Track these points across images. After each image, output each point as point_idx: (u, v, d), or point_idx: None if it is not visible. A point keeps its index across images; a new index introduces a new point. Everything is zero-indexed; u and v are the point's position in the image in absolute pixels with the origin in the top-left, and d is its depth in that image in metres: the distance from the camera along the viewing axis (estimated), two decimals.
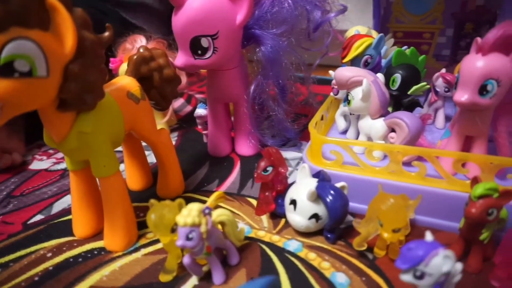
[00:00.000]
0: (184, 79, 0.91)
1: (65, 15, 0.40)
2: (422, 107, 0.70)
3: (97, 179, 0.56)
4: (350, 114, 0.68)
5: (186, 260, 0.47)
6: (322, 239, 0.55)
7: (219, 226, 0.50)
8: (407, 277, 0.37)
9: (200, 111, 0.82)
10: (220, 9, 0.61)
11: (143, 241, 0.57)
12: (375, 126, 0.60)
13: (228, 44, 0.64)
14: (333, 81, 0.62)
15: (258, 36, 0.68)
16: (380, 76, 0.62)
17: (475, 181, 0.46)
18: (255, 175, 0.56)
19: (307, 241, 0.55)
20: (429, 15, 0.91)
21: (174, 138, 0.90)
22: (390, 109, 0.68)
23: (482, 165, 0.51)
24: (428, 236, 0.38)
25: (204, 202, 0.65)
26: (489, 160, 0.51)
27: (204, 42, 0.62)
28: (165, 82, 0.61)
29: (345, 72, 0.60)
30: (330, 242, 0.54)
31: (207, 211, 0.45)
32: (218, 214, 0.49)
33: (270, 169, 0.57)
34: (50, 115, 0.45)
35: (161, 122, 0.88)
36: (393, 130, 0.60)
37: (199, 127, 0.85)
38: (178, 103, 1.11)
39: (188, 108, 1.09)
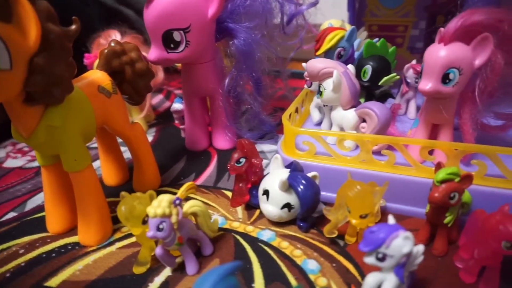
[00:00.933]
0: (161, 74, 0.91)
1: (27, 7, 0.40)
2: (394, 97, 0.72)
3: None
4: (324, 105, 0.69)
5: (158, 251, 0.47)
6: (296, 228, 0.56)
7: (192, 217, 0.51)
8: (370, 260, 0.38)
9: (177, 105, 0.82)
10: (191, 3, 0.61)
11: (118, 235, 0.57)
12: (347, 116, 0.62)
13: (201, 38, 0.65)
14: (305, 73, 0.63)
15: (231, 29, 0.68)
16: (351, 67, 0.63)
17: (438, 166, 0.47)
18: (228, 167, 0.57)
19: (281, 231, 0.56)
20: (402, 8, 0.93)
21: (152, 133, 0.90)
22: (362, 100, 0.69)
23: (447, 151, 0.53)
24: (391, 220, 0.39)
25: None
26: (453, 146, 0.52)
27: (176, 35, 0.62)
28: (138, 76, 0.61)
29: (316, 64, 0.61)
30: (303, 230, 0.55)
31: (177, 201, 0.45)
32: (190, 205, 0.50)
33: (243, 160, 0.57)
34: (17, 109, 0.45)
35: (138, 118, 0.87)
36: (364, 121, 0.61)
37: (176, 122, 0.85)
38: (157, 99, 1.10)
39: (167, 104, 1.08)
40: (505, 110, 0.57)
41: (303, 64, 0.65)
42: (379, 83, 0.65)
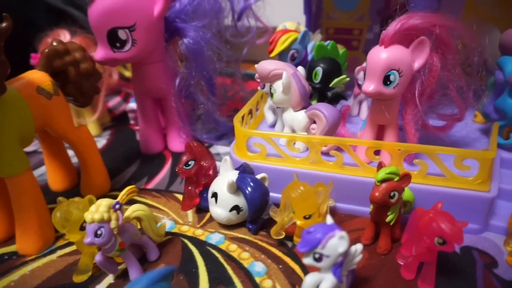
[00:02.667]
0: (115, 75, 0.89)
1: None
2: (346, 99, 0.73)
3: None
4: (277, 107, 0.69)
5: (99, 258, 0.45)
6: (245, 231, 0.56)
7: (136, 222, 0.50)
8: (308, 260, 0.38)
9: (133, 104, 0.80)
10: (135, 1, 0.60)
11: (61, 242, 0.55)
12: (297, 118, 0.62)
13: (148, 37, 0.63)
14: (256, 75, 0.63)
15: (180, 29, 0.68)
16: (301, 69, 0.63)
17: (380, 166, 0.48)
18: (177, 170, 0.56)
19: (230, 233, 0.55)
20: (356, 12, 0.95)
21: (106, 136, 0.88)
22: (315, 101, 0.70)
23: (391, 151, 0.54)
24: (328, 220, 0.40)
25: (132, 200, 0.63)
26: (396, 146, 0.54)
27: (122, 34, 0.61)
28: (83, 77, 0.59)
29: (266, 66, 0.61)
30: (252, 233, 0.55)
31: (117, 206, 0.44)
32: (133, 210, 0.48)
33: (192, 163, 0.56)
34: None
35: (90, 120, 0.85)
36: (315, 122, 0.62)
37: (132, 122, 0.83)
38: (114, 101, 1.07)
39: (125, 106, 1.06)
40: (446, 111, 0.59)
41: (256, 65, 0.65)
42: (330, 85, 0.67)
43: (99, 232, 0.42)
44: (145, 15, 0.62)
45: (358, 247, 0.40)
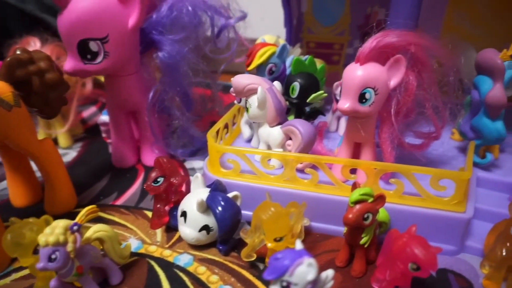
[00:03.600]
0: (89, 85, 0.86)
1: None
2: (324, 114, 0.72)
3: None
4: (253, 122, 0.67)
5: (54, 283, 0.42)
6: (216, 251, 0.53)
7: (97, 243, 0.47)
8: None
9: (105, 117, 0.77)
10: (109, 12, 0.58)
11: (17, 264, 0.51)
12: (273, 133, 0.60)
13: (121, 49, 0.61)
14: (231, 89, 0.62)
15: (156, 41, 0.66)
16: (277, 84, 0.62)
17: (354, 187, 0.47)
18: (145, 187, 0.53)
19: (200, 254, 0.52)
20: (337, 27, 0.95)
21: (77, 148, 0.84)
22: (292, 117, 0.69)
23: (367, 170, 0.53)
24: (298, 245, 0.38)
25: (98, 217, 0.60)
26: (372, 165, 0.52)
27: (93, 45, 0.58)
28: (48, 87, 0.56)
29: (241, 80, 0.59)
30: (223, 254, 0.52)
31: (75, 227, 0.41)
32: (94, 230, 0.45)
33: (161, 180, 0.54)
34: None
35: (60, 131, 0.81)
36: (290, 138, 0.60)
37: (104, 135, 0.80)
38: (89, 111, 1.04)
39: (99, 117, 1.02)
40: (423, 130, 0.58)
41: (232, 79, 0.64)
42: (308, 100, 0.65)
43: (53, 256, 0.39)
44: (119, 26, 0.59)
45: (329, 273, 0.38)
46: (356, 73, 0.49)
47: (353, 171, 0.57)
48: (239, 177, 0.59)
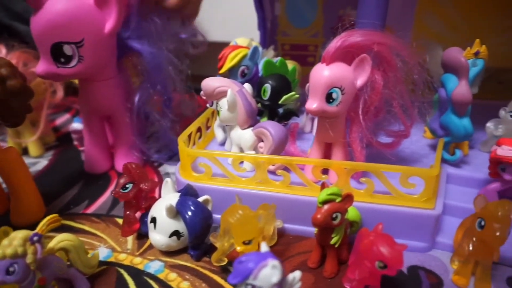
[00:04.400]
0: (60, 92, 0.84)
1: None
2: (298, 116, 0.72)
3: None
4: (226, 125, 0.67)
5: None
6: (188, 257, 0.52)
7: (62, 254, 0.45)
8: None
9: (76, 125, 0.76)
10: (85, 15, 0.57)
11: None
12: (244, 136, 0.60)
13: (97, 53, 0.60)
14: (202, 92, 0.61)
15: (136, 45, 0.65)
16: (247, 86, 0.62)
17: (323, 187, 0.47)
18: (113, 193, 0.52)
19: (171, 261, 0.52)
20: (311, 29, 0.95)
21: (48, 157, 0.82)
22: (265, 119, 0.68)
23: (337, 170, 0.53)
24: (263, 247, 0.37)
25: (67, 226, 0.59)
26: (342, 165, 0.53)
27: (67, 49, 0.57)
28: (10, 95, 0.54)
29: (210, 83, 0.59)
30: (194, 259, 0.51)
31: (35, 238, 0.40)
32: (58, 240, 0.44)
33: (130, 186, 0.53)
34: None
35: (30, 140, 0.79)
36: (262, 140, 0.60)
37: (76, 143, 0.78)
38: (62, 119, 1.02)
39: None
40: (393, 128, 0.59)
41: (202, 82, 0.63)
42: (279, 102, 0.65)
43: (11, 269, 0.38)
44: (95, 31, 0.59)
45: (296, 274, 0.38)
46: (322, 73, 0.49)
47: (326, 171, 0.58)
48: (211, 180, 0.59)
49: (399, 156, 0.64)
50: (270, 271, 0.34)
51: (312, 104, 0.50)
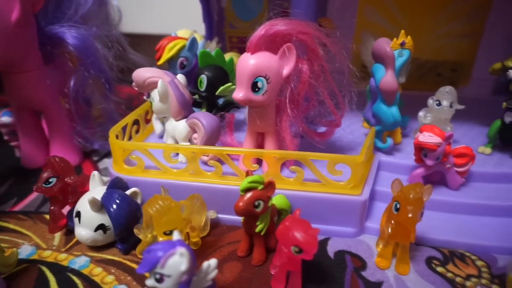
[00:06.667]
0: None
1: None
2: (238, 107, 0.72)
3: None
4: (163, 117, 0.66)
5: None
6: (116, 251, 0.51)
7: None
8: (150, 282, 0.35)
9: (4, 118, 0.72)
10: None
11: None
12: (178, 127, 0.59)
13: (7, 45, 0.57)
14: (133, 83, 0.60)
15: (59, 31, 0.62)
16: (180, 77, 0.61)
17: (247, 175, 0.47)
18: (35, 188, 0.50)
19: (98, 255, 0.50)
20: (256, 22, 0.95)
21: None
22: (204, 110, 0.68)
23: (268, 159, 0.53)
24: (175, 236, 0.37)
25: None
26: (272, 154, 0.53)
27: None
28: None
29: (141, 73, 0.58)
30: (122, 253, 0.50)
31: None
32: None
33: (53, 180, 0.51)
34: None
35: None
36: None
37: (6, 137, 0.74)
38: None
39: None
40: (327, 118, 0.60)
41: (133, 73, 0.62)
42: (216, 93, 0.65)
43: None
44: (0, 22, 0.56)
45: (212, 262, 0.38)
46: (247, 62, 0.49)
47: (260, 162, 0.58)
48: (144, 173, 0.58)
49: (337, 146, 0.66)
50: (179, 259, 0.34)
51: (239, 93, 0.50)
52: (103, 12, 0.70)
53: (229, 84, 0.64)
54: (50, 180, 0.51)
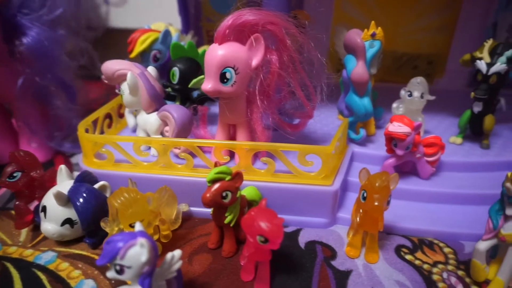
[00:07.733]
0: None
1: None
2: (213, 100, 0.71)
3: None
4: (135, 110, 0.65)
5: None
6: (85, 246, 0.50)
7: None
8: (110, 274, 0.34)
9: None
10: None
11: None
12: (149, 120, 0.59)
13: None
14: (103, 76, 0.59)
15: (20, 25, 0.60)
16: (151, 69, 0.60)
17: (215, 166, 0.46)
18: None
19: (65, 250, 0.49)
20: None
21: None
22: (177, 103, 0.67)
23: (238, 151, 0.53)
24: (137, 226, 0.37)
25: None
26: (242, 146, 0.53)
27: None
28: None
29: (110, 65, 0.57)
30: (91, 247, 0.50)
31: None
32: None
33: (18, 174, 0.50)
34: None
35: None
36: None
37: None
38: None
39: None
40: (300, 109, 0.60)
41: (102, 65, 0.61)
42: (189, 86, 0.64)
43: None
44: None
45: (176, 253, 0.37)
46: (215, 53, 0.49)
47: (233, 153, 0.58)
48: (115, 167, 0.57)
49: (311, 138, 0.66)
50: (139, 249, 0.33)
51: (207, 84, 0.50)
52: (83, 15, 0.68)
53: (202, 76, 0.63)
54: (15, 174, 0.49)
